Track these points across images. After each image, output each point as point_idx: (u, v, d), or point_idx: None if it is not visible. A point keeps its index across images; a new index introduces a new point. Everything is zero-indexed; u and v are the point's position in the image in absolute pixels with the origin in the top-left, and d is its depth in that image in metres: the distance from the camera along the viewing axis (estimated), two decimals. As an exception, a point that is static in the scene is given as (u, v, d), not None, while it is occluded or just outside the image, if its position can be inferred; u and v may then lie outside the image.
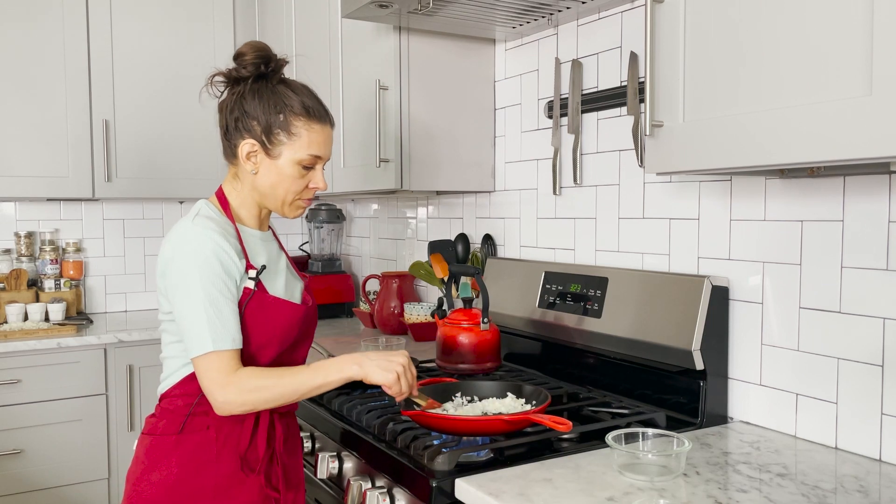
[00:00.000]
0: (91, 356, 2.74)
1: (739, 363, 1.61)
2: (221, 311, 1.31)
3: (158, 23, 3.11)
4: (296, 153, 1.39)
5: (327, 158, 1.44)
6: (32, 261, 3.15)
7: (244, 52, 1.40)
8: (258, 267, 1.39)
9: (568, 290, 1.90)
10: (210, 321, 1.29)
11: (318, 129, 1.40)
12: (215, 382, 1.29)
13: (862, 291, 1.37)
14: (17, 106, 2.86)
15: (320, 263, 3.20)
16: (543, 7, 1.89)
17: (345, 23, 2.43)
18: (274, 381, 1.30)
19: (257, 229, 1.48)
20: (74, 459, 2.71)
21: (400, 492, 1.37)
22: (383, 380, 1.33)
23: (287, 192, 1.41)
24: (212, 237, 1.32)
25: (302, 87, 1.44)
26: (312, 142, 1.40)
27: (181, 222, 1.35)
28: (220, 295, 1.31)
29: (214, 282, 1.31)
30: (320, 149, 1.41)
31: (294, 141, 1.38)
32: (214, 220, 1.37)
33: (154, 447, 1.40)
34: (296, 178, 1.40)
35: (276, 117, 1.38)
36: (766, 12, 1.09)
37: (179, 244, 1.32)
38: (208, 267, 1.30)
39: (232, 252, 1.33)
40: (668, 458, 1.26)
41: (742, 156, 1.12)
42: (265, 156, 1.39)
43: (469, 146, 2.30)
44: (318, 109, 1.42)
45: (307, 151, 1.39)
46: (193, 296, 1.30)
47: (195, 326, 1.30)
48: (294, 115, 1.38)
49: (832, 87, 1.00)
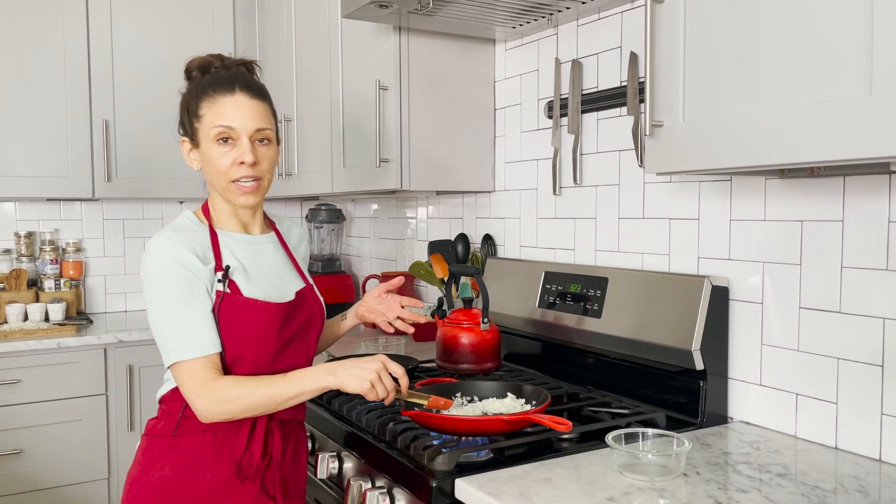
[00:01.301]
0: (91, 356, 2.74)
1: (739, 363, 1.61)
2: (185, 319, 1.30)
3: (158, 23, 3.11)
4: (208, 131, 1.38)
5: (247, 130, 1.37)
6: (32, 261, 3.16)
7: (189, 68, 1.44)
8: (223, 268, 1.37)
9: (568, 290, 1.90)
10: (174, 331, 1.30)
11: (222, 101, 1.37)
12: (192, 392, 1.29)
13: (862, 291, 1.37)
14: (18, 106, 2.86)
15: (320, 263, 3.21)
16: (543, 7, 1.89)
17: (345, 23, 2.43)
18: (249, 392, 1.29)
19: (242, 232, 1.46)
20: (74, 459, 2.71)
21: (400, 492, 1.37)
22: (357, 388, 1.30)
23: (218, 175, 1.39)
24: (170, 246, 1.32)
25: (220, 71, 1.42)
26: (217, 114, 1.37)
27: (153, 236, 1.37)
28: (182, 303, 1.31)
29: (177, 291, 1.31)
30: (227, 118, 1.36)
31: (204, 121, 1.39)
32: (183, 230, 1.38)
33: (150, 448, 1.40)
34: (218, 157, 1.37)
35: (192, 106, 1.40)
36: (766, 12, 1.09)
37: (147, 258, 1.34)
38: (170, 276, 1.31)
39: (192, 258, 1.33)
40: (668, 458, 1.26)
41: (742, 156, 1.12)
42: (194, 148, 1.42)
43: (469, 146, 2.30)
44: (221, 81, 1.38)
45: (213, 123, 1.37)
46: (158, 307, 1.31)
47: (161, 337, 1.32)
48: (199, 97, 1.39)
49: (832, 87, 1.00)
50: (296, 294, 1.46)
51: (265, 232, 1.51)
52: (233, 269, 1.38)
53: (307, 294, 1.50)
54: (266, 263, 1.46)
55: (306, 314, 1.47)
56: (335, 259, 3.27)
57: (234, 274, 1.38)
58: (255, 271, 1.42)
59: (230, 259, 1.39)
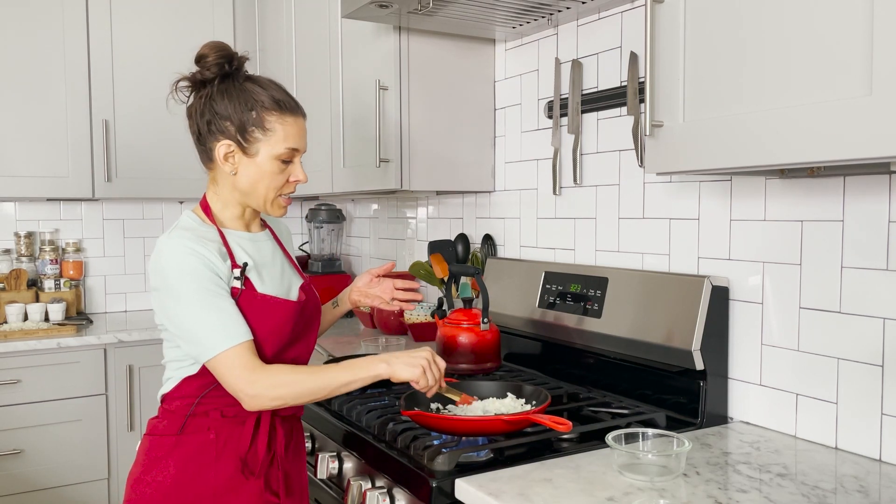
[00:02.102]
0: (91, 356, 2.74)
1: (739, 363, 1.61)
2: (224, 308, 1.31)
3: (158, 23, 3.11)
4: (273, 148, 1.38)
5: (304, 150, 1.44)
6: (32, 261, 3.15)
7: (206, 54, 1.39)
8: (241, 265, 1.38)
9: (568, 290, 1.90)
10: (217, 320, 1.29)
11: (291, 122, 1.40)
12: (241, 379, 1.28)
13: (862, 291, 1.37)
14: (18, 106, 2.86)
15: (320, 263, 3.20)
16: (543, 7, 1.89)
17: (345, 23, 2.43)
18: (304, 377, 1.30)
19: (245, 230, 1.47)
20: (74, 459, 2.71)
21: (400, 492, 1.37)
22: (410, 375, 1.34)
23: (268, 189, 1.41)
24: (188, 245, 1.32)
25: (269, 81, 1.43)
26: (288, 135, 1.39)
27: (161, 238, 1.36)
28: (214, 295, 1.31)
29: (206, 284, 1.31)
30: (297, 141, 1.41)
31: (270, 136, 1.38)
32: (191, 229, 1.38)
33: (153, 448, 1.40)
34: (276, 173, 1.40)
35: (248, 115, 1.37)
36: (766, 12, 1.09)
37: (161, 260, 1.33)
38: (195, 272, 1.30)
39: (211, 255, 1.33)
40: (668, 458, 1.26)
41: (742, 156, 1.12)
42: (243, 155, 1.39)
43: (469, 146, 2.30)
44: (288, 102, 1.41)
45: (284, 145, 1.39)
46: (191, 303, 1.30)
47: (202, 330, 1.29)
48: (266, 110, 1.38)
49: (832, 87, 1.00)
50: (301, 290, 1.49)
51: (262, 229, 1.53)
52: (249, 266, 1.40)
53: (309, 289, 1.53)
54: (269, 260, 1.47)
55: (311, 309, 1.50)
56: (335, 259, 3.27)
57: (250, 271, 1.40)
58: (263, 268, 1.44)
59: (242, 257, 1.41)
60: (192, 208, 1.46)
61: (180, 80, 1.42)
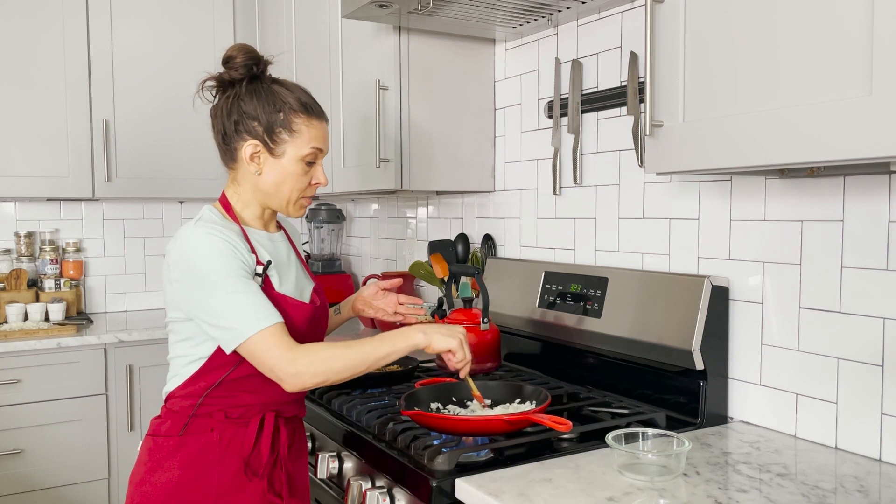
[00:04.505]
0: (91, 356, 2.74)
1: (739, 363, 1.61)
2: (253, 292, 1.31)
3: (158, 23, 3.11)
4: (299, 149, 1.41)
5: (326, 152, 1.47)
6: (32, 261, 3.15)
7: (234, 55, 1.42)
8: (264, 262, 1.39)
9: (568, 290, 1.90)
10: (250, 302, 1.29)
11: (317, 125, 1.44)
12: (280, 358, 1.27)
13: (862, 291, 1.37)
14: (18, 106, 2.87)
15: (320, 263, 3.20)
16: (543, 7, 1.89)
17: (345, 23, 2.43)
18: (343, 351, 1.30)
19: (263, 230, 1.48)
20: (74, 459, 2.71)
21: (400, 492, 1.37)
22: (447, 345, 1.36)
23: (292, 190, 1.43)
24: (220, 234, 1.32)
25: (294, 85, 1.46)
26: (314, 136, 1.43)
27: (185, 229, 1.34)
28: (246, 279, 1.31)
29: (237, 271, 1.31)
30: (321, 142, 1.44)
31: (296, 138, 1.41)
32: (217, 223, 1.37)
33: (156, 448, 1.40)
34: (300, 174, 1.43)
35: (276, 116, 1.39)
36: (766, 12, 1.09)
37: (186, 249, 1.31)
38: (226, 259, 1.30)
39: (241, 247, 1.34)
40: (668, 458, 1.26)
41: (742, 156, 1.12)
42: (269, 155, 1.41)
43: (469, 146, 2.30)
44: (314, 106, 1.45)
45: (310, 145, 1.42)
46: (223, 288, 1.29)
47: (235, 313, 1.28)
48: (294, 112, 1.41)
49: (832, 87, 1.00)
50: (314, 293, 1.51)
51: (278, 230, 1.54)
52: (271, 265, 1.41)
53: (320, 293, 1.54)
54: (286, 261, 1.49)
55: (321, 313, 1.52)
56: (335, 259, 3.27)
57: (270, 270, 1.40)
58: (280, 269, 1.45)
59: (263, 255, 1.42)
60: (212, 204, 1.46)
61: (207, 79, 1.44)
